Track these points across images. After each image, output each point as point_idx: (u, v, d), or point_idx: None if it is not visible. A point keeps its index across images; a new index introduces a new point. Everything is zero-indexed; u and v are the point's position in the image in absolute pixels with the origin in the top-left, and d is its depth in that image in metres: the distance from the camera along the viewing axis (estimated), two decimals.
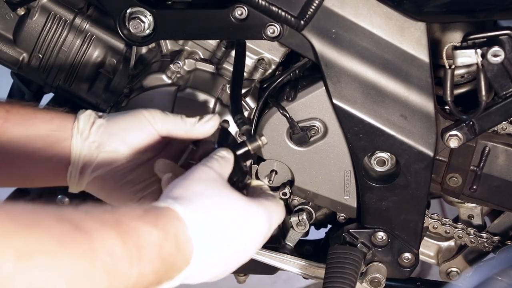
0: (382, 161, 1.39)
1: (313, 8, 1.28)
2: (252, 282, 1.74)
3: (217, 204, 0.89)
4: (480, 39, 1.27)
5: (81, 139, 1.05)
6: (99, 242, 0.73)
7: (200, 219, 0.86)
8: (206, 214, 0.87)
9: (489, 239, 1.50)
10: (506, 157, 1.40)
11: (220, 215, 0.89)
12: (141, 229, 0.79)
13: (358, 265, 1.40)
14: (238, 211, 0.91)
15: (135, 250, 0.77)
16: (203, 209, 0.87)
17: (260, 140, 1.04)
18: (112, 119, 1.08)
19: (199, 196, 0.88)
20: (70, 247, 0.70)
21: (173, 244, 0.82)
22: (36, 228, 0.68)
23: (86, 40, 1.50)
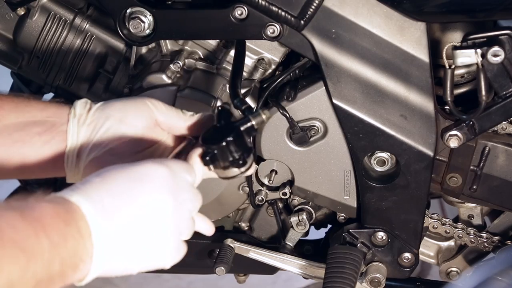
0: (382, 161, 1.39)
1: (313, 8, 1.28)
2: (252, 282, 1.74)
3: (119, 194, 0.86)
4: (480, 39, 1.27)
5: (77, 123, 1.05)
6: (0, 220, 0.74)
7: (101, 214, 0.83)
8: (107, 208, 0.84)
9: (489, 239, 1.50)
10: (506, 157, 1.40)
11: (123, 207, 0.86)
12: (39, 204, 0.79)
13: (358, 265, 1.40)
14: (137, 197, 0.88)
15: (36, 222, 0.76)
16: (103, 202, 0.84)
17: (263, 114, 1.01)
18: (109, 102, 1.08)
19: (103, 191, 0.85)
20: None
21: (75, 226, 0.80)
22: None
23: (86, 40, 1.50)
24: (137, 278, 2.62)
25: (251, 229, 1.57)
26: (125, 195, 0.86)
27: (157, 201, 0.88)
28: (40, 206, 0.79)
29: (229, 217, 1.57)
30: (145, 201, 0.87)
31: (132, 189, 0.87)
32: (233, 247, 1.47)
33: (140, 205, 0.87)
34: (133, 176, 0.89)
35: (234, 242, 1.47)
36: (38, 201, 0.80)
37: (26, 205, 0.78)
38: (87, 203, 0.83)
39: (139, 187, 0.88)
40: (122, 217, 0.85)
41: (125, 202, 0.86)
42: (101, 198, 0.84)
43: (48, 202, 0.81)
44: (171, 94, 1.38)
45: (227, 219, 1.57)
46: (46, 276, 0.76)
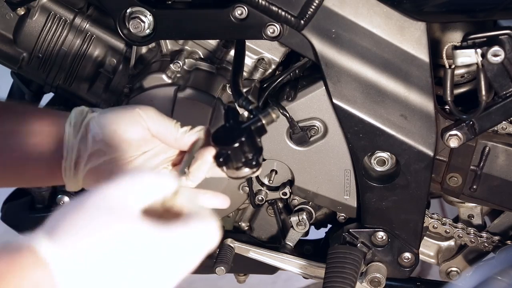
0: (382, 161, 1.39)
1: (313, 8, 1.28)
2: (252, 282, 1.74)
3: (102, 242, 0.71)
4: (480, 39, 1.27)
5: (73, 132, 1.05)
6: None
7: (72, 264, 0.69)
8: (82, 255, 0.69)
9: (489, 239, 1.50)
10: (506, 157, 1.40)
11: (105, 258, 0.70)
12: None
13: (358, 265, 1.40)
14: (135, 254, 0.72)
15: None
16: (78, 249, 0.69)
17: (273, 113, 1.00)
18: (104, 112, 1.07)
19: (78, 231, 0.70)
20: None
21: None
22: None
23: (86, 40, 1.50)
24: None
25: (251, 229, 1.57)
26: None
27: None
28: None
29: (229, 217, 1.57)
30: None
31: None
32: (233, 247, 1.47)
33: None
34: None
35: (234, 242, 1.47)
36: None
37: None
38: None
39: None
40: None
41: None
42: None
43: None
44: (171, 94, 1.38)
45: (227, 219, 1.57)
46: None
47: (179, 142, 1.04)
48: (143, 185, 0.76)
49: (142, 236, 0.72)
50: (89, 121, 1.05)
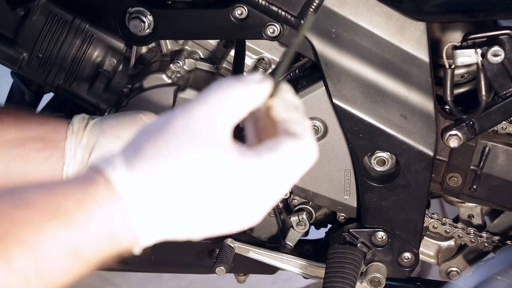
0: (382, 161, 1.39)
1: (313, 8, 1.28)
2: (252, 282, 1.74)
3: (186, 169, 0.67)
4: (480, 39, 1.27)
5: (75, 139, 1.05)
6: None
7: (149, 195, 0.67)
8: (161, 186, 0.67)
9: (489, 239, 1.50)
10: (506, 157, 1.40)
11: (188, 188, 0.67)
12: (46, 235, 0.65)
13: (358, 265, 1.40)
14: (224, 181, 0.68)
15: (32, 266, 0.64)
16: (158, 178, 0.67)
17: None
18: (106, 118, 1.08)
19: (160, 157, 0.67)
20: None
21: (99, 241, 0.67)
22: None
23: (86, 40, 1.50)
24: (138, 278, 2.62)
25: (251, 229, 1.57)
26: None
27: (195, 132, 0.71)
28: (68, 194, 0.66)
29: None
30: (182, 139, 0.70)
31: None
32: (233, 247, 1.47)
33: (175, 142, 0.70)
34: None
35: (234, 242, 1.47)
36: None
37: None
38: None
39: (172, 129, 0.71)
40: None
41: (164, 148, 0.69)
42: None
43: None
44: (171, 94, 1.38)
45: None
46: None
47: None
48: (232, 102, 0.70)
49: (230, 165, 0.68)
50: (91, 127, 1.06)
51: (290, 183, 0.73)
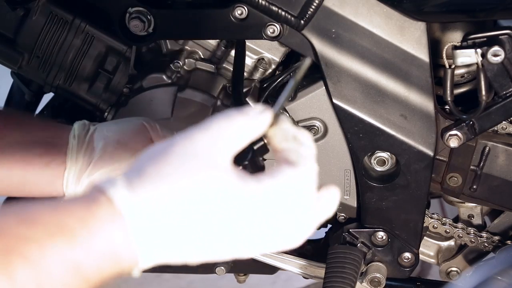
0: (382, 161, 1.39)
1: (313, 8, 1.28)
2: (252, 282, 1.74)
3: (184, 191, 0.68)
4: (480, 39, 1.27)
5: (77, 144, 1.05)
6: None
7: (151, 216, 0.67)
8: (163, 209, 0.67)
9: (489, 239, 1.50)
10: (506, 156, 1.40)
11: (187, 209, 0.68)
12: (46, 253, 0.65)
13: (358, 265, 1.40)
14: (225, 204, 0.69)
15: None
16: (158, 199, 0.67)
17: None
18: (106, 125, 1.08)
19: (161, 178, 0.68)
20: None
21: (101, 260, 0.68)
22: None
23: (86, 40, 1.50)
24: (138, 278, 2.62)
25: None
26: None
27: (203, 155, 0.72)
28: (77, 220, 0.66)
29: None
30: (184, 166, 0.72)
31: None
32: None
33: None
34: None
35: None
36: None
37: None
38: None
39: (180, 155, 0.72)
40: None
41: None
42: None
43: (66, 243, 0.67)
44: (171, 94, 1.38)
45: None
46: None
47: None
48: (233, 131, 0.72)
49: (229, 188, 0.69)
50: (92, 133, 1.06)
51: (291, 211, 0.73)
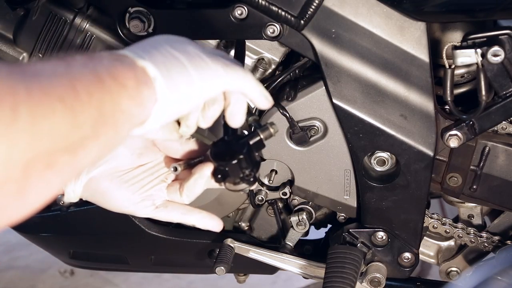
0: (382, 161, 1.39)
1: (313, 8, 1.28)
2: (252, 282, 1.75)
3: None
4: (480, 39, 1.27)
5: None
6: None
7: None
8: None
9: (489, 239, 1.50)
10: (506, 157, 1.40)
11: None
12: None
13: (358, 264, 1.40)
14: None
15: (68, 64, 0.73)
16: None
17: (271, 128, 1.01)
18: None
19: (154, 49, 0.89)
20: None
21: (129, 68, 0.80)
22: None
23: (86, 40, 1.50)
24: (137, 278, 2.62)
25: (251, 229, 1.57)
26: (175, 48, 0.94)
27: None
28: (100, 56, 0.78)
29: (229, 217, 1.57)
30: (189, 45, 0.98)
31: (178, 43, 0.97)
32: (233, 247, 1.47)
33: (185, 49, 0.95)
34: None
35: (234, 242, 1.47)
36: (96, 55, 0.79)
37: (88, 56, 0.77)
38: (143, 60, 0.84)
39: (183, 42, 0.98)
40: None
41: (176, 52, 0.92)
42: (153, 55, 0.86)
43: (107, 54, 0.80)
44: None
45: (227, 219, 1.57)
46: (105, 96, 0.74)
47: (183, 150, 1.05)
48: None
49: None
50: None
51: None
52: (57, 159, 0.68)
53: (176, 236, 1.52)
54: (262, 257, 1.48)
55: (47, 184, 0.68)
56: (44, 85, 0.68)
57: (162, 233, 1.51)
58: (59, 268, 2.67)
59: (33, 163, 0.65)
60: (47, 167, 0.67)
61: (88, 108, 0.72)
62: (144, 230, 1.50)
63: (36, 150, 0.65)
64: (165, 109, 0.85)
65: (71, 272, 2.69)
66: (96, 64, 0.76)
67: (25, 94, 0.66)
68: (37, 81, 0.68)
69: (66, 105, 0.69)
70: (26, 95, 0.66)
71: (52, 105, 0.68)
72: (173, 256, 1.56)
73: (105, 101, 0.74)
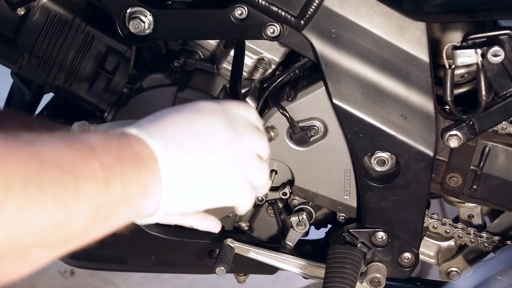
0: (382, 161, 1.39)
1: (313, 8, 1.28)
2: (252, 282, 1.74)
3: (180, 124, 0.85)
4: (480, 39, 1.27)
5: None
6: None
7: (163, 144, 0.80)
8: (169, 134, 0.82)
9: (489, 239, 1.50)
10: (506, 157, 1.40)
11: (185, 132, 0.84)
12: (87, 135, 0.74)
13: (358, 265, 1.40)
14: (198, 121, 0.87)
15: (83, 147, 0.70)
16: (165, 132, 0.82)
17: (272, 132, 1.01)
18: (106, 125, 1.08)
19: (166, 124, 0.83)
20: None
21: (132, 153, 0.77)
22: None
23: (86, 40, 1.50)
24: (137, 278, 2.62)
25: (251, 229, 1.57)
26: (186, 128, 0.84)
27: (217, 132, 0.87)
28: (88, 135, 0.74)
29: (229, 217, 1.57)
30: (206, 131, 0.86)
31: (192, 121, 0.86)
32: (233, 247, 1.47)
33: (201, 136, 0.85)
34: (189, 111, 0.87)
35: (234, 242, 1.47)
36: (86, 133, 0.76)
37: (71, 134, 0.74)
38: (146, 135, 0.80)
39: (198, 119, 0.86)
40: (185, 148, 0.82)
41: (187, 134, 0.84)
42: (161, 131, 0.81)
43: (96, 132, 0.77)
44: (171, 94, 1.38)
45: (227, 219, 1.57)
46: (106, 199, 0.70)
47: None
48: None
49: (224, 135, 0.87)
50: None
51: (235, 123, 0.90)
52: (33, 253, 0.65)
53: (176, 236, 1.52)
54: (262, 257, 1.48)
55: (17, 269, 0.65)
56: (42, 176, 0.64)
57: (162, 233, 1.51)
58: (59, 268, 2.67)
59: (5, 255, 0.62)
60: (20, 259, 0.64)
61: (83, 209, 0.68)
62: (144, 230, 1.50)
63: (12, 244, 0.62)
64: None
65: (71, 272, 2.68)
66: (105, 157, 0.72)
67: (20, 183, 0.62)
68: (37, 168, 0.64)
69: (61, 203, 0.65)
70: (22, 183, 0.62)
71: (44, 202, 0.64)
72: (173, 256, 1.56)
73: (105, 204, 0.70)
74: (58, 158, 0.67)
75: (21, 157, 0.64)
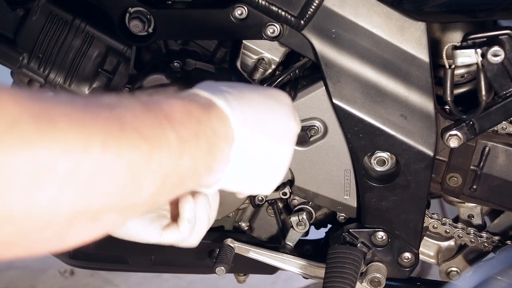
0: (382, 161, 1.39)
1: (313, 8, 1.28)
2: (252, 282, 1.74)
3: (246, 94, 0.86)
4: (480, 39, 1.27)
5: None
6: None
7: (241, 121, 0.82)
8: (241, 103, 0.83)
9: (489, 239, 1.50)
10: (506, 157, 1.40)
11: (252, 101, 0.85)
12: (168, 100, 0.74)
13: (358, 265, 1.40)
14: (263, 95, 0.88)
15: (162, 115, 0.71)
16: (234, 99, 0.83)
17: None
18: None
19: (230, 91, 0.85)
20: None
21: (209, 126, 0.78)
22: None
23: (86, 40, 1.50)
24: (137, 278, 2.62)
25: (251, 229, 1.57)
26: (265, 111, 0.86)
27: (287, 123, 0.89)
28: (169, 102, 0.74)
29: (229, 217, 1.57)
30: (279, 121, 0.87)
31: (271, 107, 0.87)
32: (233, 247, 1.47)
33: (275, 125, 0.86)
34: (268, 95, 0.89)
35: (234, 242, 1.47)
36: (167, 97, 0.76)
37: (152, 99, 0.73)
38: (227, 106, 0.80)
39: (277, 107, 0.88)
40: (261, 129, 0.84)
41: (264, 119, 0.85)
42: (242, 110, 0.82)
43: (179, 98, 0.77)
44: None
45: (227, 219, 1.57)
46: (175, 171, 0.71)
47: None
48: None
49: (292, 131, 0.91)
50: None
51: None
52: (103, 216, 0.66)
53: None
54: (262, 257, 1.48)
55: (88, 232, 0.66)
56: (120, 140, 0.65)
57: None
58: (59, 268, 2.67)
59: (78, 216, 0.63)
60: (91, 221, 0.65)
61: (153, 178, 0.68)
62: None
63: (85, 206, 0.63)
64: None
65: (71, 272, 2.69)
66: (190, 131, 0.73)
67: (100, 145, 0.63)
68: (116, 132, 0.65)
69: (134, 170, 0.66)
70: (101, 145, 0.63)
71: (119, 166, 0.64)
72: (173, 256, 1.56)
73: (173, 176, 0.71)
74: (138, 124, 0.67)
75: (102, 121, 0.64)
